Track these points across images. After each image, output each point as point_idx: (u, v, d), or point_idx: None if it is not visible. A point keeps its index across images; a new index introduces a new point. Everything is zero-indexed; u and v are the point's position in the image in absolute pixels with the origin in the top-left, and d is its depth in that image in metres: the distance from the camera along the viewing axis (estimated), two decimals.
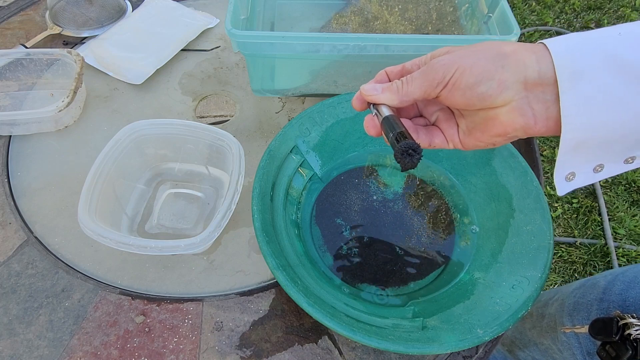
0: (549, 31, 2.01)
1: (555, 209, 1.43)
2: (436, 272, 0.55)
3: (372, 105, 0.34)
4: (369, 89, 0.33)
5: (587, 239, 1.37)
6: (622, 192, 1.47)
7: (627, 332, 0.41)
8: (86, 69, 0.73)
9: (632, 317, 0.42)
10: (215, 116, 0.72)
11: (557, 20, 2.07)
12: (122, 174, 0.58)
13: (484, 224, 0.57)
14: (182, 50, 0.79)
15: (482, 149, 0.33)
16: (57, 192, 0.62)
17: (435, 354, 0.50)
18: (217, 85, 0.75)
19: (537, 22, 2.06)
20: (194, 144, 0.60)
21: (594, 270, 1.31)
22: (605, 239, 1.35)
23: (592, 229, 1.39)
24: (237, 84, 0.75)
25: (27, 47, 0.75)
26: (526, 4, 2.14)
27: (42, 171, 0.64)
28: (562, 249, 1.35)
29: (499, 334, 0.43)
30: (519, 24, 2.05)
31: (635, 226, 1.39)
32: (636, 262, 1.32)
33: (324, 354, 0.50)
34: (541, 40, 0.27)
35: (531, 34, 2.00)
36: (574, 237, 1.38)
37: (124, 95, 0.73)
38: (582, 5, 2.12)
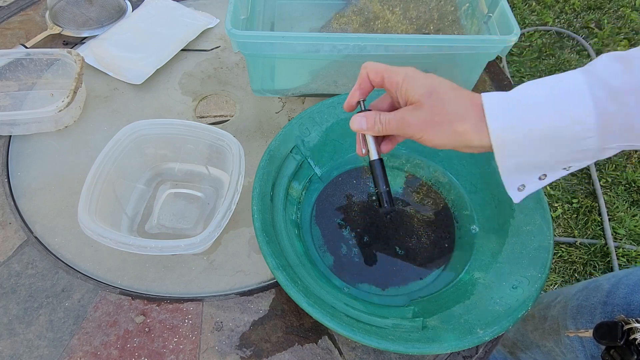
0: (549, 31, 2.01)
1: (555, 209, 1.43)
2: (436, 272, 0.55)
3: (359, 102, 0.44)
4: (356, 124, 0.42)
5: (587, 239, 1.37)
6: (622, 192, 1.47)
7: (632, 336, 0.41)
8: (86, 69, 0.73)
9: (637, 321, 0.42)
10: (215, 116, 0.72)
11: (557, 20, 2.07)
12: (122, 174, 0.58)
13: (484, 224, 0.57)
14: (182, 50, 0.79)
15: None
16: (57, 192, 0.62)
17: (435, 354, 0.50)
18: (217, 85, 0.75)
19: (537, 22, 2.06)
20: (194, 144, 0.60)
21: (594, 270, 1.31)
22: (605, 239, 1.35)
23: (592, 229, 1.39)
24: (237, 84, 0.75)
25: (27, 47, 0.75)
26: (526, 4, 2.14)
27: (42, 171, 0.64)
28: (562, 249, 1.35)
29: (499, 334, 0.43)
30: (519, 24, 2.05)
31: (635, 226, 1.39)
32: (636, 262, 1.32)
33: (324, 354, 0.50)
34: (490, 108, 0.36)
35: (531, 34, 2.00)
36: (574, 237, 1.38)
37: (124, 95, 0.73)
38: (582, 5, 2.12)
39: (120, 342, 0.50)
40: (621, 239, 1.37)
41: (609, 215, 1.41)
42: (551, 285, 1.31)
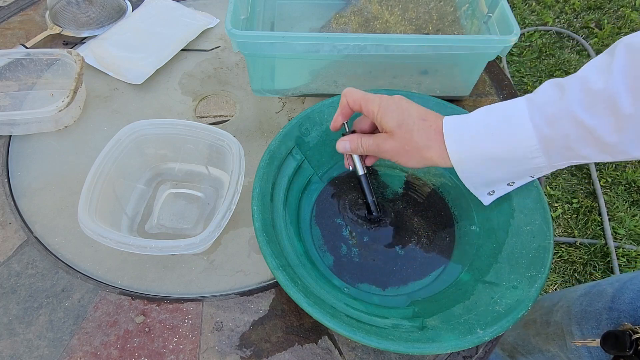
0: (549, 31, 2.01)
1: (555, 209, 1.43)
2: (436, 272, 0.55)
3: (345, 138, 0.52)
4: (341, 148, 0.50)
5: (587, 239, 1.37)
6: (622, 192, 1.47)
7: None
8: (86, 69, 0.73)
9: None
10: (215, 116, 0.72)
11: (557, 20, 2.07)
12: (122, 174, 0.58)
13: (483, 224, 0.57)
14: (182, 50, 0.79)
15: None
16: (57, 192, 0.62)
17: (435, 354, 0.50)
18: (217, 85, 0.75)
19: (537, 22, 2.06)
20: (194, 144, 0.60)
21: (594, 270, 1.31)
22: (605, 239, 1.35)
23: (592, 229, 1.39)
24: (237, 84, 0.76)
25: (27, 47, 0.75)
26: (526, 4, 2.14)
27: (42, 171, 0.64)
28: (562, 249, 1.35)
29: (499, 334, 0.43)
30: (519, 24, 2.05)
31: (635, 226, 1.39)
32: (636, 262, 1.32)
33: (324, 354, 0.50)
34: (449, 136, 0.42)
35: (531, 34, 2.00)
36: (574, 237, 1.38)
37: (124, 95, 0.73)
38: (582, 5, 2.12)
39: (120, 342, 0.50)
40: (621, 239, 1.37)
41: (609, 215, 1.41)
42: (551, 285, 1.31)
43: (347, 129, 0.51)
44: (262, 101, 0.73)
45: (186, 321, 0.52)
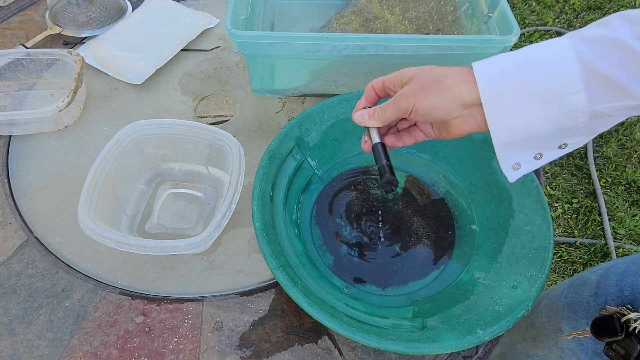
0: (549, 31, 2.01)
1: (555, 209, 1.43)
2: (436, 272, 0.55)
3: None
4: (358, 117, 0.44)
5: (587, 239, 1.37)
6: (622, 192, 1.47)
7: (631, 327, 0.41)
8: (86, 69, 0.73)
9: (630, 310, 0.42)
10: (215, 116, 0.72)
11: (557, 20, 2.07)
12: (122, 174, 0.58)
13: (484, 224, 0.57)
14: (182, 50, 0.79)
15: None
16: (57, 192, 0.62)
17: (435, 354, 0.50)
18: (217, 85, 0.75)
19: (537, 22, 2.06)
20: (194, 144, 0.60)
21: None
22: (605, 239, 1.35)
23: (592, 229, 1.39)
24: (237, 84, 0.76)
25: (27, 47, 0.75)
26: (526, 4, 2.14)
27: (42, 171, 0.64)
28: (562, 249, 1.35)
29: (499, 334, 0.43)
30: (519, 24, 2.05)
31: (635, 226, 1.39)
32: None
33: (324, 354, 0.50)
34: (477, 63, 0.36)
35: (531, 34, 2.00)
36: (574, 237, 1.38)
37: (124, 95, 0.73)
38: (582, 5, 2.12)
39: (120, 342, 0.50)
40: (621, 239, 1.37)
41: (609, 215, 1.41)
42: (551, 285, 1.31)
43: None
44: (262, 101, 0.73)
45: (186, 321, 0.52)
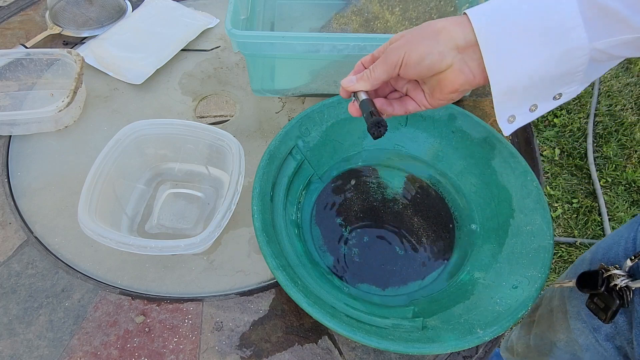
0: None
1: (555, 209, 1.43)
2: (436, 272, 0.55)
3: (352, 93, 0.41)
4: (346, 81, 0.41)
5: (587, 239, 1.37)
6: (622, 192, 1.47)
7: (612, 283, 0.42)
8: (86, 69, 0.73)
9: (616, 268, 0.43)
10: (215, 116, 0.72)
11: None
12: (122, 174, 0.58)
13: (484, 224, 0.57)
14: (182, 50, 0.79)
15: (445, 105, 0.41)
16: (57, 192, 0.62)
17: (435, 354, 0.50)
18: (217, 85, 0.75)
19: None
20: (194, 144, 0.60)
21: None
22: None
23: (592, 229, 1.39)
24: (237, 84, 0.76)
25: (27, 47, 0.75)
26: None
27: (42, 171, 0.64)
28: (562, 249, 1.35)
29: (499, 334, 0.43)
30: None
31: None
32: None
33: (324, 354, 0.50)
34: (470, 8, 0.34)
35: None
36: (574, 237, 1.38)
37: (124, 95, 0.73)
38: None
39: (120, 342, 0.50)
40: None
41: (609, 215, 1.41)
42: (551, 285, 1.30)
43: (356, 98, 0.42)
44: (262, 101, 0.73)
45: (186, 321, 0.52)
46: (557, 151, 1.53)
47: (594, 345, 0.52)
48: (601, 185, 1.47)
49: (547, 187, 1.48)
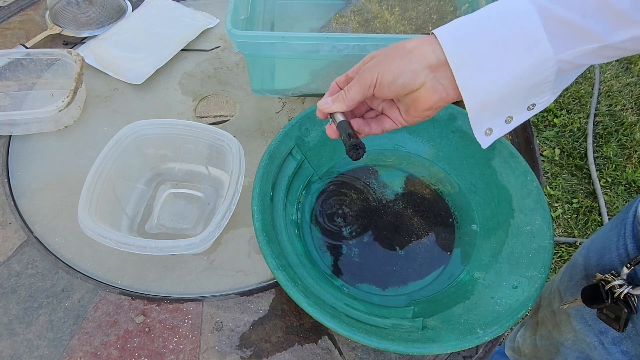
0: None
1: (555, 209, 1.43)
2: (436, 272, 0.55)
3: (329, 114, 0.42)
4: (322, 104, 0.41)
5: (587, 239, 1.37)
6: (622, 192, 1.47)
7: (615, 294, 0.43)
8: (86, 69, 0.73)
9: (613, 275, 0.44)
10: (215, 116, 0.72)
11: None
12: (122, 174, 0.58)
13: (484, 224, 0.57)
14: (182, 50, 0.79)
15: (422, 121, 0.41)
16: (57, 192, 0.62)
17: (435, 354, 0.50)
18: (217, 85, 0.75)
19: None
20: (194, 144, 0.60)
21: None
22: None
23: (592, 229, 1.39)
24: (237, 84, 0.76)
25: (27, 47, 0.75)
26: None
27: (42, 171, 0.64)
28: (562, 249, 1.35)
29: (499, 334, 0.43)
30: None
31: None
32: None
33: (324, 354, 0.50)
34: (437, 29, 0.35)
35: None
36: (574, 237, 1.38)
37: (124, 95, 0.73)
38: None
39: (120, 342, 0.50)
40: None
41: (609, 215, 1.41)
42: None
43: (333, 119, 0.42)
44: (262, 101, 0.73)
45: (186, 321, 0.52)
46: (557, 151, 1.53)
47: (599, 349, 0.52)
48: (601, 185, 1.47)
49: (547, 187, 1.48)
